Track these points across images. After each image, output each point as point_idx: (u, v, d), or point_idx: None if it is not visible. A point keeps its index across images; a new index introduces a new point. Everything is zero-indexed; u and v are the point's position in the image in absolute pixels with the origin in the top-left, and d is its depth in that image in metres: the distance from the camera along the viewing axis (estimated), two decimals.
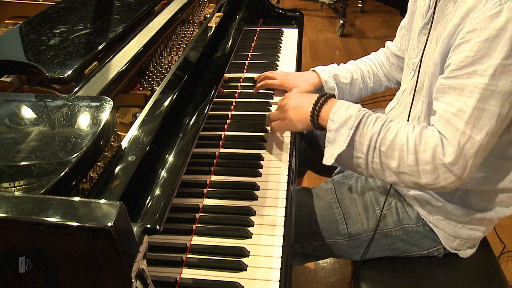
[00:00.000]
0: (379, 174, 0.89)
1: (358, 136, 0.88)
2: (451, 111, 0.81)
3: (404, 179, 0.86)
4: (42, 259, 0.48)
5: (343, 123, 0.89)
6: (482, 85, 0.78)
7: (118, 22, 0.96)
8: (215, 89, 0.96)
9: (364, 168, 0.90)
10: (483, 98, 0.78)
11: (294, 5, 4.50)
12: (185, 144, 0.77)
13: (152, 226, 0.59)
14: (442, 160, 0.81)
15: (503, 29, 0.75)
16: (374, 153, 0.87)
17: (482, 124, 0.79)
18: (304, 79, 1.29)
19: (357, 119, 0.88)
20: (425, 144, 0.83)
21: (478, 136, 0.79)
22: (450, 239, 1.04)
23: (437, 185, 0.84)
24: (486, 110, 0.78)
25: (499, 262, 1.27)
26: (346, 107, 0.91)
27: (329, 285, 1.73)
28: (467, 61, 0.79)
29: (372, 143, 0.87)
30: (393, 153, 0.85)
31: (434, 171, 0.83)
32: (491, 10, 0.76)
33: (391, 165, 0.86)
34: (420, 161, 0.83)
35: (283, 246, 0.83)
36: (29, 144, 0.56)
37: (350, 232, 1.07)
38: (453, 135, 0.81)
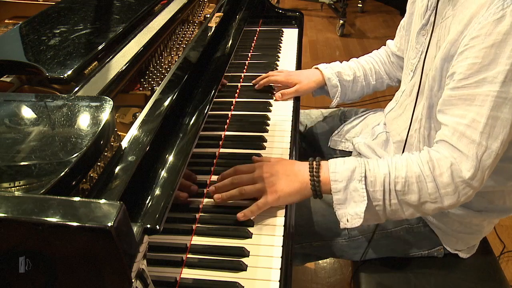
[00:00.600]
0: (397, 214, 0.86)
1: (369, 185, 0.84)
2: (465, 123, 0.79)
3: (426, 208, 0.84)
4: (42, 259, 0.48)
5: (349, 178, 0.83)
6: (494, 93, 0.76)
7: (118, 22, 0.96)
8: (215, 89, 0.96)
9: (382, 213, 0.86)
10: (496, 106, 0.76)
11: (294, 5, 4.49)
12: (185, 144, 0.77)
13: (152, 226, 0.59)
14: (461, 177, 0.80)
15: (509, 33, 0.74)
16: (391, 195, 0.84)
17: (496, 133, 0.78)
18: (307, 76, 1.29)
19: (362, 169, 0.84)
20: (440, 167, 0.81)
21: (494, 145, 0.78)
22: (450, 240, 1.04)
23: (458, 203, 0.83)
24: (499, 118, 0.77)
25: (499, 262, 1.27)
26: (342, 163, 0.86)
27: (329, 285, 1.73)
28: (474, 69, 0.77)
29: (387, 186, 0.83)
30: (410, 187, 0.82)
31: (456, 190, 0.81)
32: (495, 14, 0.75)
33: (411, 199, 0.83)
34: (440, 185, 0.81)
35: (283, 246, 0.83)
36: (29, 144, 0.56)
37: (350, 232, 1.07)
38: (470, 147, 0.79)
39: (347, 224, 0.85)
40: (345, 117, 1.39)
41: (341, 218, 0.86)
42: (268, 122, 1.17)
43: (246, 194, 0.87)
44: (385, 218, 0.88)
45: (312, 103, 2.45)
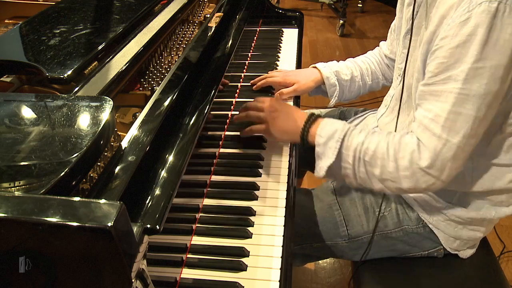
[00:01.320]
0: (366, 183, 0.93)
1: (344, 148, 0.92)
2: (429, 117, 0.84)
3: (388, 185, 0.90)
4: (42, 259, 0.48)
5: (330, 136, 0.93)
6: (456, 90, 0.80)
7: (118, 22, 0.96)
8: (215, 89, 0.96)
9: (353, 178, 0.94)
10: (458, 102, 0.80)
11: (294, 5, 4.49)
12: (185, 144, 0.77)
13: (152, 226, 0.59)
14: (418, 165, 0.85)
15: (473, 34, 0.77)
16: (360, 163, 0.91)
17: (458, 128, 0.81)
18: (305, 76, 1.29)
19: (343, 132, 0.92)
20: (403, 151, 0.87)
21: (455, 139, 0.82)
22: (450, 240, 1.04)
23: (419, 188, 0.88)
24: (461, 113, 0.81)
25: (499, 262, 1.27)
26: (332, 122, 0.96)
27: (329, 285, 1.73)
28: (441, 68, 0.82)
29: (357, 154, 0.91)
30: (376, 161, 0.89)
31: (413, 176, 0.86)
32: (461, 17, 0.78)
33: (375, 173, 0.90)
34: (400, 167, 0.87)
35: (283, 246, 0.83)
36: (29, 144, 0.56)
37: (350, 233, 1.07)
38: (430, 140, 0.84)
39: (316, 172, 0.97)
40: (345, 117, 1.40)
41: (316, 168, 0.97)
42: None
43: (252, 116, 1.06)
44: (356, 184, 0.95)
45: (312, 103, 2.45)
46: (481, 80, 0.78)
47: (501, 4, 0.75)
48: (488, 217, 1.00)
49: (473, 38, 0.77)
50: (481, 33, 0.76)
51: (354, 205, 1.09)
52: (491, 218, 1.00)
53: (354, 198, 1.10)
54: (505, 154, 0.93)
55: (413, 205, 1.05)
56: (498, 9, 0.75)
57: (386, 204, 1.07)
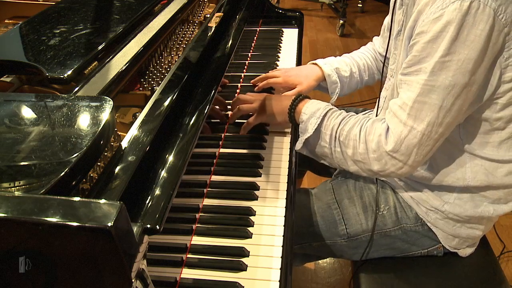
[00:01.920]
0: (342, 163, 0.99)
1: (323, 127, 0.99)
2: (398, 104, 0.89)
3: (361, 167, 0.95)
4: (42, 259, 0.48)
5: (312, 114, 1.00)
6: (422, 81, 0.84)
7: (118, 22, 0.96)
8: (215, 89, 0.96)
9: (330, 157, 1.00)
10: (424, 92, 0.84)
11: (294, 5, 4.49)
12: (185, 144, 0.77)
13: (152, 226, 0.59)
14: (384, 148, 0.90)
15: (443, 31, 0.80)
16: (335, 143, 0.97)
17: (423, 116, 0.85)
18: (306, 76, 1.28)
19: (324, 111, 0.99)
20: (373, 134, 0.92)
21: (419, 126, 0.86)
22: (449, 238, 1.04)
23: (387, 171, 0.92)
24: (427, 103, 0.85)
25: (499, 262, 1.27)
26: (316, 102, 1.03)
27: (329, 285, 1.73)
28: (414, 60, 0.86)
29: (333, 133, 0.97)
30: (349, 142, 0.95)
31: (381, 158, 0.91)
32: (435, 13, 0.81)
33: (348, 153, 0.95)
34: (369, 149, 0.92)
35: (283, 246, 0.83)
36: (29, 144, 0.56)
37: (349, 232, 1.07)
38: (397, 125, 0.88)
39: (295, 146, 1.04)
40: None
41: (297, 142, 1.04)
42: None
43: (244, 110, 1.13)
44: (335, 163, 1.01)
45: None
46: (447, 72, 0.82)
47: (475, 1, 0.78)
48: (486, 215, 1.00)
49: (443, 35, 0.80)
50: (451, 30, 0.79)
51: (353, 204, 1.09)
52: (490, 216, 1.00)
53: (352, 197, 1.10)
54: (497, 150, 0.94)
55: (411, 204, 1.05)
56: (470, 6, 0.78)
57: (384, 203, 1.07)
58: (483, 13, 0.78)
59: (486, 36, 0.79)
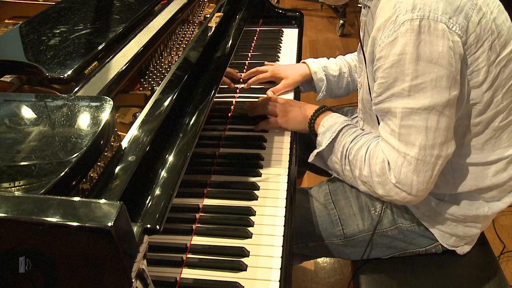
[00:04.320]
0: (352, 182, 0.98)
1: (337, 142, 0.99)
2: (387, 131, 0.88)
3: (368, 188, 0.94)
4: (42, 259, 0.48)
5: (329, 128, 1.01)
6: (401, 105, 0.83)
7: (118, 22, 0.96)
8: (215, 89, 0.96)
9: (341, 174, 1.00)
10: (405, 116, 0.83)
11: (294, 5, 4.49)
12: (185, 144, 0.77)
13: (152, 226, 0.59)
14: (389, 178, 0.88)
15: (403, 53, 0.80)
16: (345, 161, 0.97)
17: (413, 140, 0.84)
18: (294, 70, 1.33)
19: (340, 126, 1.00)
20: (376, 158, 0.90)
21: (412, 152, 0.84)
22: (446, 237, 1.04)
23: (392, 198, 0.90)
24: (412, 126, 0.83)
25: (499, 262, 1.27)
26: (336, 116, 1.04)
27: (329, 285, 1.73)
28: (383, 87, 0.85)
29: (344, 151, 0.97)
30: (356, 163, 0.94)
31: (385, 184, 0.89)
32: (389, 37, 0.81)
33: (356, 173, 0.95)
34: (373, 173, 0.90)
35: (283, 246, 0.83)
36: (29, 144, 0.56)
37: (346, 233, 1.07)
38: (391, 153, 0.87)
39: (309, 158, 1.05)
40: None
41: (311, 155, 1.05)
42: None
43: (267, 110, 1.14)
44: (346, 180, 1.01)
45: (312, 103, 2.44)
46: (425, 93, 0.81)
47: (424, 20, 0.78)
48: (482, 213, 1.00)
49: (404, 57, 0.80)
50: (411, 51, 0.79)
51: (349, 204, 1.09)
52: (485, 214, 1.00)
53: (349, 198, 1.10)
54: (481, 152, 0.94)
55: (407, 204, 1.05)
56: (421, 25, 0.78)
57: (381, 203, 1.08)
58: (436, 30, 0.78)
59: (447, 50, 0.79)
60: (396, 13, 0.80)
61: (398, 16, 0.80)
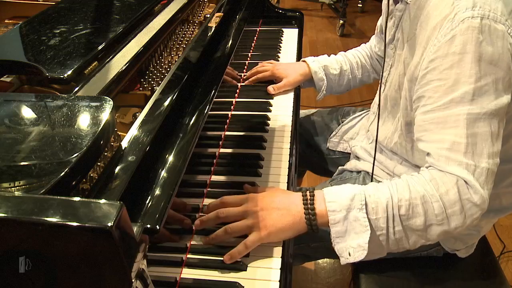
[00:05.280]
0: (400, 243, 0.81)
1: (370, 213, 0.78)
2: (445, 147, 0.78)
3: (432, 232, 0.79)
4: (42, 259, 0.48)
5: (349, 207, 0.78)
6: (465, 111, 0.76)
7: (118, 22, 0.96)
8: (215, 89, 0.96)
9: (385, 243, 0.81)
10: (470, 123, 0.76)
11: (294, 5, 4.49)
12: (185, 144, 0.77)
13: (152, 226, 0.59)
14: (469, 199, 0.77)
15: (463, 52, 0.75)
16: (395, 222, 0.78)
17: (480, 149, 0.77)
18: (294, 69, 1.32)
19: (361, 196, 0.78)
20: (445, 185, 0.77)
21: (482, 162, 0.77)
22: (448, 240, 1.04)
23: (465, 225, 0.79)
24: (478, 134, 0.76)
25: (499, 262, 1.27)
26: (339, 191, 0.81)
27: (329, 285, 1.73)
28: (440, 91, 0.78)
29: (390, 212, 0.78)
30: (415, 210, 0.78)
31: (463, 210, 0.77)
32: (446, 36, 0.77)
33: (416, 223, 0.78)
34: (447, 204, 0.77)
35: (283, 246, 0.83)
36: (29, 144, 0.56)
37: None
38: (460, 171, 0.77)
39: (349, 258, 0.78)
40: (343, 117, 1.40)
41: (341, 253, 0.80)
42: (268, 122, 1.17)
43: (233, 232, 0.79)
44: (387, 250, 0.83)
45: (312, 103, 2.45)
46: (489, 96, 0.76)
47: (484, 19, 0.75)
48: (485, 218, 0.99)
49: (465, 57, 0.75)
50: (473, 50, 0.75)
51: None
52: (489, 218, 1.00)
53: None
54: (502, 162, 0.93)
55: None
56: (482, 24, 0.75)
57: None
58: (496, 30, 0.75)
59: (507, 52, 0.76)
60: (455, 10, 0.77)
61: (457, 14, 0.76)
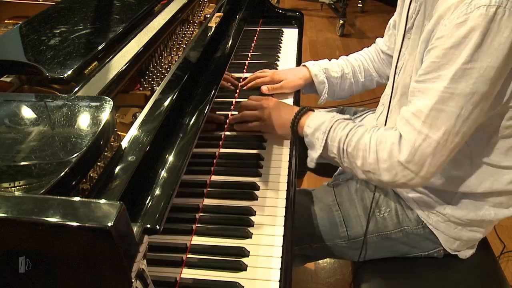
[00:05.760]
0: (353, 172, 0.96)
1: (329, 139, 0.96)
2: (411, 111, 0.85)
3: (370, 177, 0.92)
4: (42, 259, 0.48)
5: (318, 127, 0.97)
6: (441, 88, 0.81)
7: (118, 22, 0.96)
8: (215, 89, 0.96)
9: (342, 166, 0.98)
10: (441, 100, 0.81)
11: (294, 5, 4.49)
12: (185, 144, 0.77)
13: (152, 226, 0.59)
14: (397, 158, 0.86)
15: (467, 37, 0.77)
16: (343, 154, 0.94)
17: (439, 124, 0.82)
18: (294, 73, 1.31)
19: (330, 124, 0.96)
20: (384, 143, 0.88)
21: (435, 135, 0.83)
22: (450, 241, 1.04)
23: (398, 183, 0.88)
24: (444, 111, 0.81)
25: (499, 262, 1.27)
26: (321, 115, 1.00)
27: (329, 285, 1.73)
28: (433, 67, 0.82)
29: (341, 145, 0.94)
30: (357, 153, 0.91)
31: (392, 169, 0.87)
32: (458, 18, 0.78)
33: (357, 164, 0.92)
34: (379, 159, 0.88)
35: (283, 246, 0.83)
36: (29, 144, 0.56)
37: (350, 234, 1.07)
38: (410, 134, 0.85)
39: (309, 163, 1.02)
40: None
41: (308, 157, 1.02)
42: None
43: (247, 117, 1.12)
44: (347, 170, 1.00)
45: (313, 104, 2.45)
46: (469, 80, 0.79)
47: (500, 8, 0.75)
48: (487, 218, 1.00)
49: (467, 41, 0.77)
50: (476, 37, 0.76)
51: (354, 206, 1.09)
52: (491, 219, 1.00)
53: (353, 199, 1.10)
54: (504, 156, 0.93)
55: (412, 206, 1.05)
56: (496, 13, 0.75)
57: (386, 205, 1.07)
58: (509, 20, 0.76)
59: (510, 43, 0.76)
60: None
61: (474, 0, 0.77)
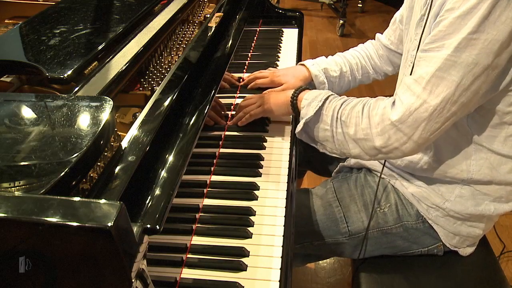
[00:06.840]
0: (344, 147, 0.96)
1: (324, 109, 0.98)
2: (413, 78, 0.86)
3: (363, 146, 0.92)
4: (42, 259, 0.48)
5: (314, 99, 1.00)
6: (444, 56, 0.81)
7: (118, 22, 0.96)
8: (215, 89, 0.96)
9: (331, 140, 0.98)
10: (444, 67, 0.82)
11: (294, 5, 4.50)
12: (185, 144, 0.77)
13: (152, 226, 0.59)
14: (389, 118, 0.87)
15: (475, 8, 0.78)
16: (337, 123, 0.96)
17: (439, 91, 0.83)
18: (294, 75, 1.30)
19: (326, 95, 1.00)
20: (377, 109, 0.90)
21: (433, 101, 0.83)
22: (449, 236, 1.04)
23: (390, 147, 0.89)
24: (445, 78, 0.82)
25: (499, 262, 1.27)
26: (319, 90, 1.04)
27: (329, 285, 1.73)
28: (439, 36, 0.83)
29: (335, 114, 0.96)
30: (350, 120, 0.93)
31: (384, 132, 0.88)
32: None
33: (350, 133, 0.93)
34: (372, 124, 0.90)
35: (283, 246, 0.83)
36: (29, 144, 0.56)
37: (351, 230, 1.08)
38: (409, 97, 0.85)
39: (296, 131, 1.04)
40: None
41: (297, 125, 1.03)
42: (268, 122, 1.17)
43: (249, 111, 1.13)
44: (335, 148, 0.99)
45: None
46: (472, 50, 0.79)
47: None
48: (487, 213, 1.00)
49: (474, 12, 0.78)
50: (484, 8, 0.77)
51: (354, 201, 1.09)
52: (490, 214, 1.00)
53: (353, 195, 1.10)
54: (502, 145, 0.94)
55: (412, 201, 1.05)
56: None
57: (385, 200, 1.08)
58: None
59: None
60: None
61: None
